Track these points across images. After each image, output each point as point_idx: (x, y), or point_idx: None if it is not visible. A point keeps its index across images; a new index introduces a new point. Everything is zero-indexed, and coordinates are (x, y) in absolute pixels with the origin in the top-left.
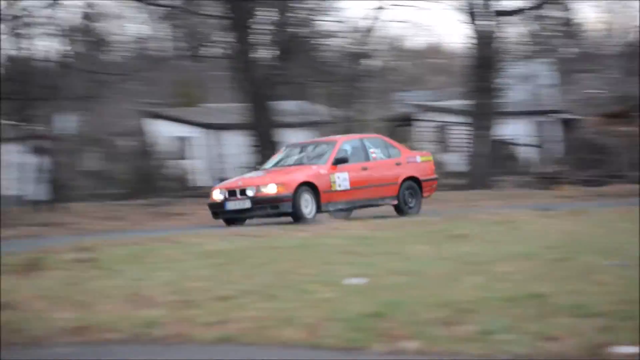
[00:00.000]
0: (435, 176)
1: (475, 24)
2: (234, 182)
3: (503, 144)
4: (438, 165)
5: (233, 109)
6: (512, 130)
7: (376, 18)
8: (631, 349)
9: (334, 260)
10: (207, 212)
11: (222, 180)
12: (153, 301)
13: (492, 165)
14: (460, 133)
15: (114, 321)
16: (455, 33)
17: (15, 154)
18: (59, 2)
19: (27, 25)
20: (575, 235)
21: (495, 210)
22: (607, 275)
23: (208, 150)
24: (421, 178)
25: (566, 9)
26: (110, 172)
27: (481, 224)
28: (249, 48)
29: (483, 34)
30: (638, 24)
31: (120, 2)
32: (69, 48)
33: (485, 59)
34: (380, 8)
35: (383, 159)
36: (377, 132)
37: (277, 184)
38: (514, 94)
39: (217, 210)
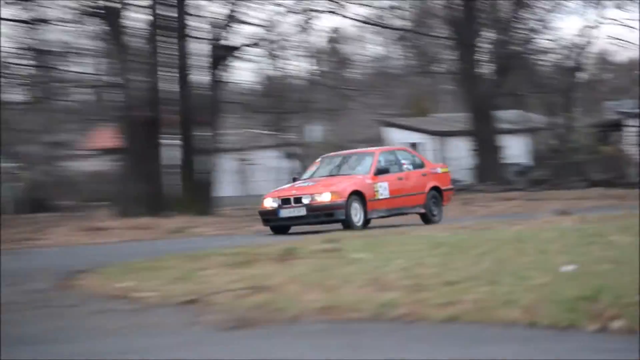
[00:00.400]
0: (452, 186)
1: None
2: (286, 190)
3: None
4: None
5: (457, 118)
6: None
7: (589, 35)
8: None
9: (548, 249)
10: None
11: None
12: (389, 285)
13: None
14: None
15: (356, 302)
16: None
17: (272, 159)
18: (309, 27)
19: (283, 48)
20: None
21: None
22: None
23: (434, 155)
24: (442, 188)
25: None
26: None
27: None
28: (472, 64)
29: None
30: None
31: (360, 26)
32: (316, 67)
33: None
34: (592, 27)
35: (412, 170)
36: (586, 137)
37: (331, 192)
38: None
39: (270, 217)
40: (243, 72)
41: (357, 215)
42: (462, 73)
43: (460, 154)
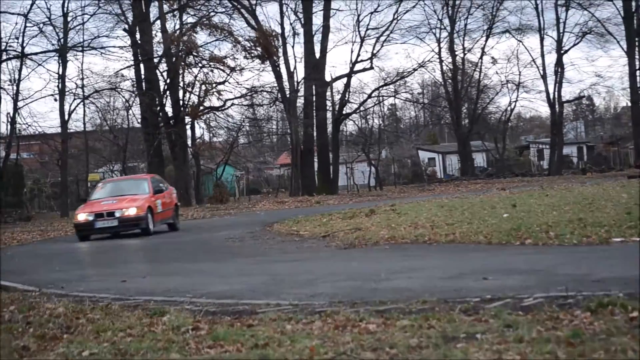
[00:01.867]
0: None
1: None
2: (95, 207)
3: None
4: None
5: (452, 145)
6: None
7: (511, 107)
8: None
9: (496, 206)
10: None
11: None
12: (419, 225)
13: None
14: None
15: (404, 235)
16: None
17: (362, 167)
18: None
19: (370, 114)
20: None
21: None
22: None
23: (441, 165)
24: (178, 203)
25: None
26: None
27: None
28: (459, 119)
29: None
30: None
31: (404, 101)
32: (385, 123)
33: None
34: (513, 103)
35: (166, 191)
36: (512, 153)
37: (136, 207)
38: None
39: (85, 228)
40: (349, 126)
41: (151, 224)
42: (454, 123)
43: (453, 163)
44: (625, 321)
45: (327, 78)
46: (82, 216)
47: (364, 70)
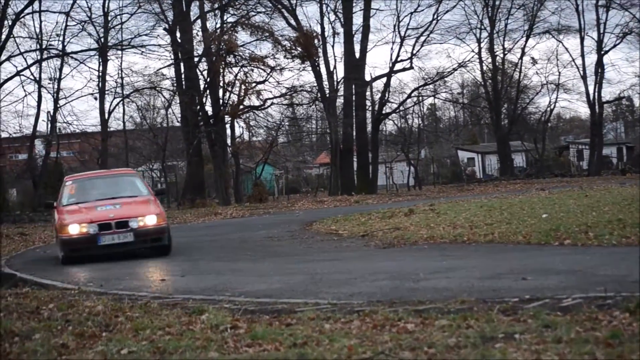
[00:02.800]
0: None
1: None
2: (93, 215)
3: None
4: None
5: (492, 145)
6: None
7: (552, 107)
8: None
9: (535, 207)
10: None
11: None
12: (459, 225)
13: None
14: None
15: (443, 234)
16: None
17: (401, 167)
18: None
19: (410, 113)
20: None
21: None
22: None
23: (480, 164)
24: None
25: None
26: None
27: None
28: (499, 120)
29: None
30: None
31: (444, 101)
32: (424, 123)
33: None
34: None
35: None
36: (552, 153)
37: (156, 215)
38: None
39: (82, 246)
40: (388, 125)
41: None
42: (493, 123)
43: (492, 163)
44: None
45: (367, 78)
46: (74, 228)
47: (404, 70)
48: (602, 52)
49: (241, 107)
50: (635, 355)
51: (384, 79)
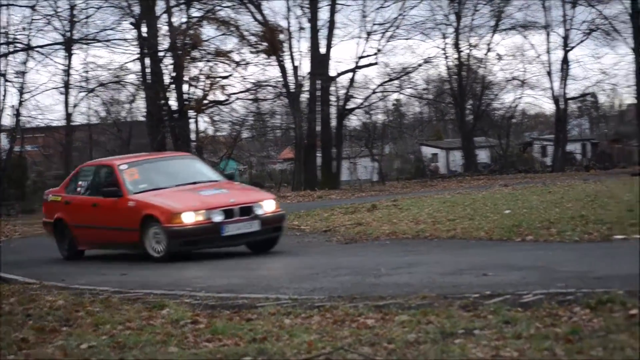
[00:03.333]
0: None
1: None
2: (210, 200)
3: None
4: None
5: (456, 141)
6: None
7: (516, 103)
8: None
9: (498, 202)
10: None
11: None
12: (422, 221)
13: None
14: None
15: (406, 230)
16: None
17: (365, 162)
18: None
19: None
20: None
21: None
22: None
23: (445, 160)
24: None
25: None
26: None
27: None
28: (463, 116)
29: None
30: None
31: (409, 97)
32: (390, 118)
33: None
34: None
35: None
36: (516, 149)
37: (274, 200)
38: None
39: (202, 237)
40: (353, 121)
41: None
42: (458, 119)
43: (457, 159)
44: (624, 318)
45: (332, 73)
46: (188, 216)
47: (369, 65)
48: (568, 49)
49: (205, 102)
50: (594, 351)
51: (349, 75)
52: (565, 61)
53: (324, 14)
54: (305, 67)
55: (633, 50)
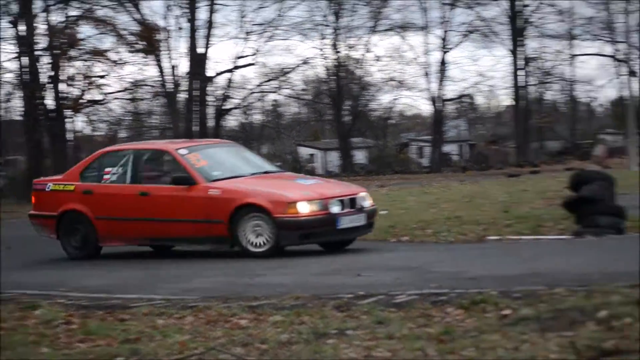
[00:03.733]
0: None
1: None
2: (323, 188)
3: None
4: None
5: (334, 142)
6: None
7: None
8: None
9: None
10: None
11: None
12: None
13: None
14: None
15: None
16: None
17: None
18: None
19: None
20: None
21: None
22: None
23: (322, 160)
24: None
25: None
26: None
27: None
28: (340, 116)
29: None
30: None
31: (288, 97)
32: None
33: None
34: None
35: None
36: (392, 150)
37: (367, 193)
38: None
39: (318, 230)
40: (231, 121)
41: None
42: (335, 120)
43: (334, 159)
44: (497, 318)
45: (211, 73)
46: (304, 206)
47: (247, 65)
48: (446, 50)
49: (82, 101)
50: (466, 351)
51: (228, 75)
52: (443, 62)
53: (203, 14)
54: (183, 67)
55: (511, 52)
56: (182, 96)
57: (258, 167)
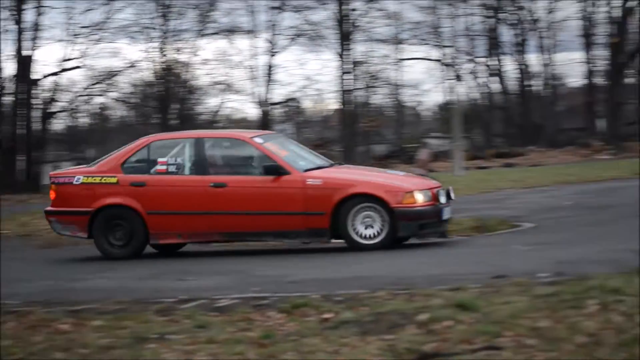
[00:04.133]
0: None
1: None
2: (421, 180)
3: None
4: None
5: None
6: None
7: None
8: None
9: None
10: None
11: None
12: None
13: None
14: None
15: None
16: None
17: None
18: None
19: None
20: None
21: None
22: None
23: None
24: None
25: None
26: None
27: None
28: None
29: None
30: None
31: None
32: None
33: None
34: None
35: None
36: None
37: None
38: None
39: (429, 220)
40: (57, 124)
41: None
42: (162, 123)
43: None
44: (318, 322)
45: (38, 76)
46: (420, 196)
47: (74, 68)
48: (273, 54)
49: None
50: (286, 355)
51: (54, 78)
52: (270, 66)
53: (30, 16)
54: (9, 70)
55: (339, 56)
56: (8, 99)
57: (318, 158)
